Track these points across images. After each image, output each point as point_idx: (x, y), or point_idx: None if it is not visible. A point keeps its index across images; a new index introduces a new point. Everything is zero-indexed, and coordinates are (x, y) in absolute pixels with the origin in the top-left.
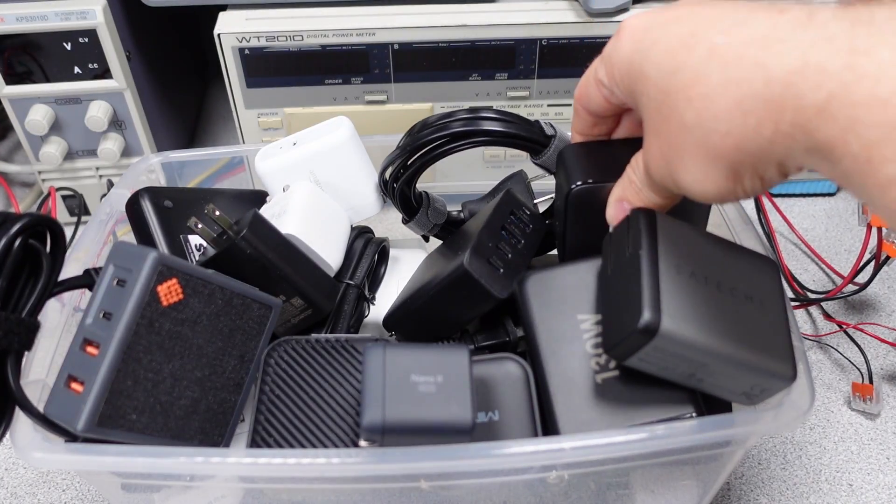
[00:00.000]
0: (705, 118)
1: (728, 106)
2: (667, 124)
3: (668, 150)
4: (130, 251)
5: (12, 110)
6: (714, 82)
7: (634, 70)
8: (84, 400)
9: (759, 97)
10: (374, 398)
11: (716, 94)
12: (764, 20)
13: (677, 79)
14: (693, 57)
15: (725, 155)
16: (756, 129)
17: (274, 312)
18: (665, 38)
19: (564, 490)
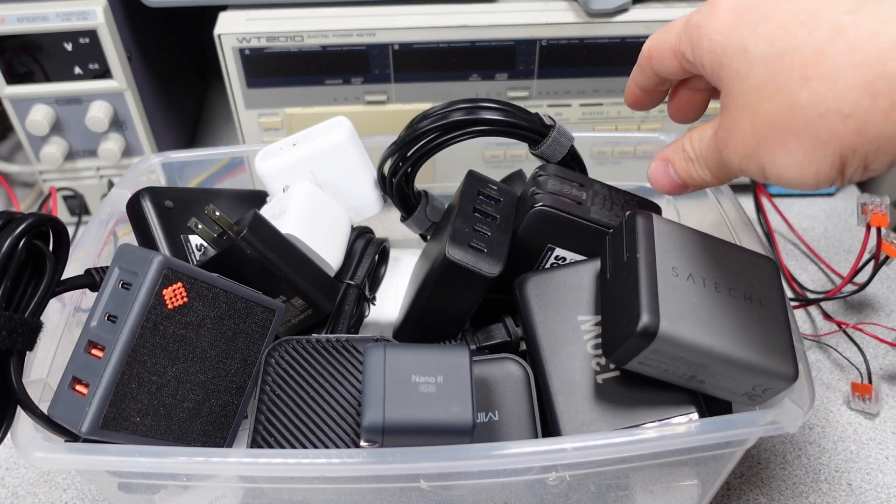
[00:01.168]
0: (825, 98)
1: (855, 86)
2: (771, 104)
3: (766, 129)
4: (136, 254)
5: (13, 110)
6: (841, 63)
7: (733, 45)
8: (89, 402)
9: (893, 78)
10: (374, 399)
11: (841, 75)
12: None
13: (793, 58)
14: (815, 36)
15: (841, 139)
16: (885, 113)
17: (276, 316)
18: (778, 14)
19: (564, 491)
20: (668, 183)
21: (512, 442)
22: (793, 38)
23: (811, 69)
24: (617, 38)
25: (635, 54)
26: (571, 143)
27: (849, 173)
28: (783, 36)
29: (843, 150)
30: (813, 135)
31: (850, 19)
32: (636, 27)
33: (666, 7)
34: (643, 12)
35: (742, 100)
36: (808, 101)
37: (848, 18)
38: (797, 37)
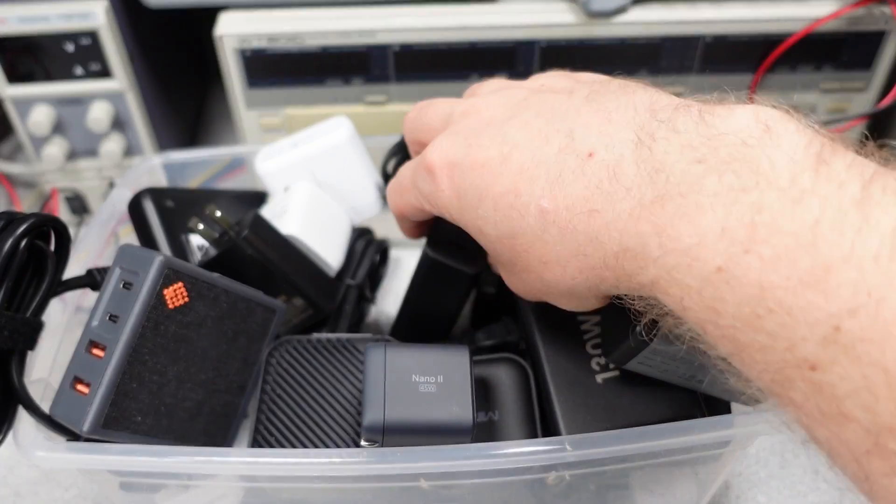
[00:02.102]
0: (563, 277)
1: (582, 269)
2: (525, 275)
3: (536, 288)
4: (137, 254)
5: (14, 111)
6: (561, 252)
7: (469, 224)
8: (90, 402)
9: (602, 268)
10: (374, 398)
11: (564, 262)
12: (577, 174)
13: (520, 242)
14: (527, 221)
15: (594, 294)
16: (614, 284)
17: (277, 316)
18: (489, 195)
19: (564, 491)
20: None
21: (512, 442)
22: (510, 222)
23: (542, 254)
24: (616, 39)
25: (635, 55)
26: None
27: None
28: (503, 220)
29: (603, 294)
30: (571, 292)
31: (549, 204)
32: (636, 28)
33: (666, 7)
34: (643, 13)
35: (503, 266)
36: (551, 279)
37: (546, 203)
38: (514, 222)
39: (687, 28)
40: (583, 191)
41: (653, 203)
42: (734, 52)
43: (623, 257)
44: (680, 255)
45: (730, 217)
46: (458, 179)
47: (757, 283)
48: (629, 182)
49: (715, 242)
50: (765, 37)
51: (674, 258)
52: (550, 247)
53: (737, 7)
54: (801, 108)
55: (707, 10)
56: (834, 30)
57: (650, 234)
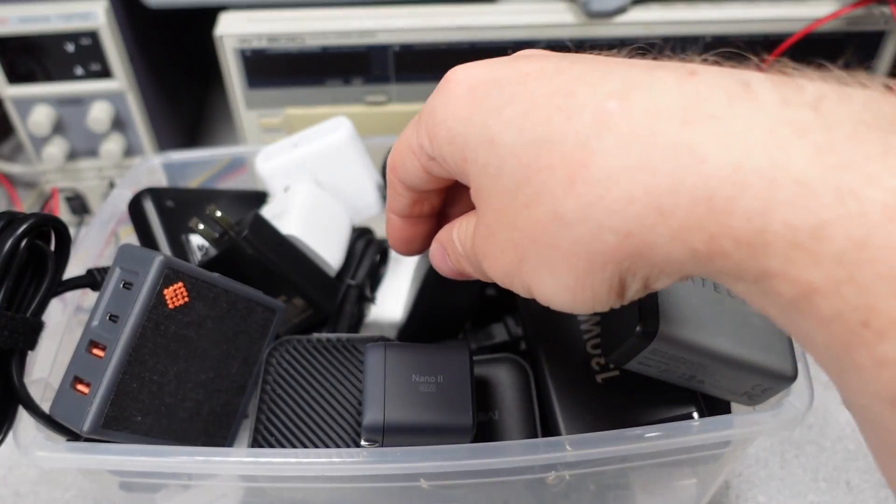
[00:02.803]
0: (597, 211)
1: (635, 197)
2: (530, 212)
3: (527, 245)
4: (137, 254)
5: (15, 111)
6: (613, 164)
7: (475, 134)
8: (90, 402)
9: (689, 193)
10: (374, 398)
11: (615, 181)
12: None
13: (552, 152)
14: (575, 124)
15: (619, 262)
16: (674, 235)
17: (277, 316)
18: (526, 94)
19: (564, 490)
20: (448, 270)
21: (512, 441)
22: (548, 125)
23: (576, 170)
24: (616, 39)
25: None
26: None
27: (629, 295)
28: (536, 123)
29: (622, 272)
30: (585, 256)
31: (617, 107)
32: (636, 28)
33: (666, 7)
34: (642, 13)
35: (497, 204)
36: (575, 214)
37: (614, 105)
38: (553, 124)
39: (687, 28)
40: (682, 99)
41: (830, 132)
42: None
43: (739, 188)
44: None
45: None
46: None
47: None
48: (770, 100)
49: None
50: (765, 37)
51: (864, 224)
52: (598, 157)
53: (737, 7)
54: None
55: (707, 10)
56: (834, 30)
57: (826, 168)
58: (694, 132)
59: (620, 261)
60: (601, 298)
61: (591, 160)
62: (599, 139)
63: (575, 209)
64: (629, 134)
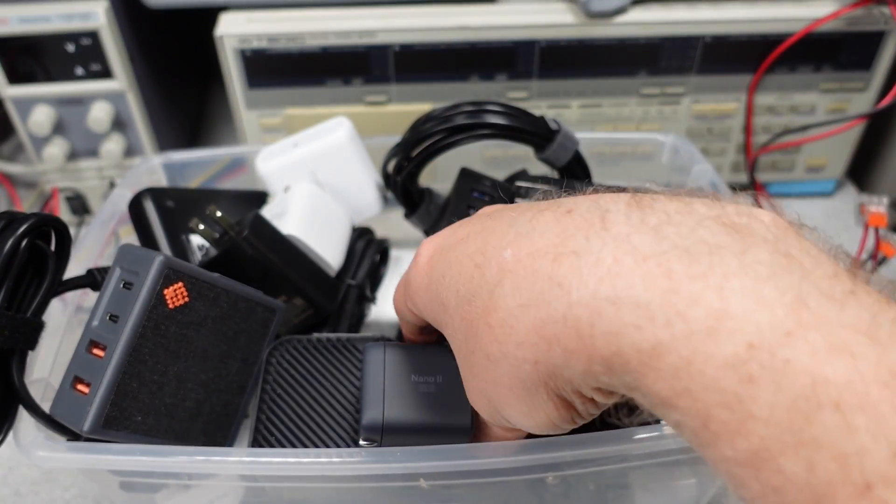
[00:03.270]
0: (510, 347)
1: (530, 329)
2: (476, 359)
3: (487, 388)
4: (137, 254)
5: (15, 111)
6: (510, 305)
7: (434, 300)
8: (90, 401)
9: (564, 322)
10: (373, 398)
11: (515, 319)
12: (551, 223)
13: (475, 305)
14: (486, 277)
15: (544, 384)
16: (566, 359)
17: (277, 316)
18: (458, 259)
19: (564, 490)
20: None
21: (512, 441)
22: (470, 282)
23: (490, 315)
24: (616, 39)
25: (635, 55)
26: (577, 147)
27: (581, 410)
28: (464, 282)
29: (556, 391)
30: (519, 385)
31: (510, 254)
32: (635, 29)
33: (665, 8)
34: (642, 14)
35: (459, 356)
36: (498, 353)
37: (508, 254)
38: (473, 281)
39: (686, 28)
40: (555, 238)
41: (664, 256)
42: (734, 53)
43: (596, 315)
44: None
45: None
46: (436, 257)
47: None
48: (620, 230)
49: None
50: (764, 37)
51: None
52: (500, 301)
53: (736, 7)
54: (801, 107)
55: (707, 11)
56: (833, 30)
57: (659, 292)
58: (561, 267)
59: (545, 382)
60: (556, 417)
61: (498, 305)
62: (500, 286)
63: (496, 349)
64: (518, 276)
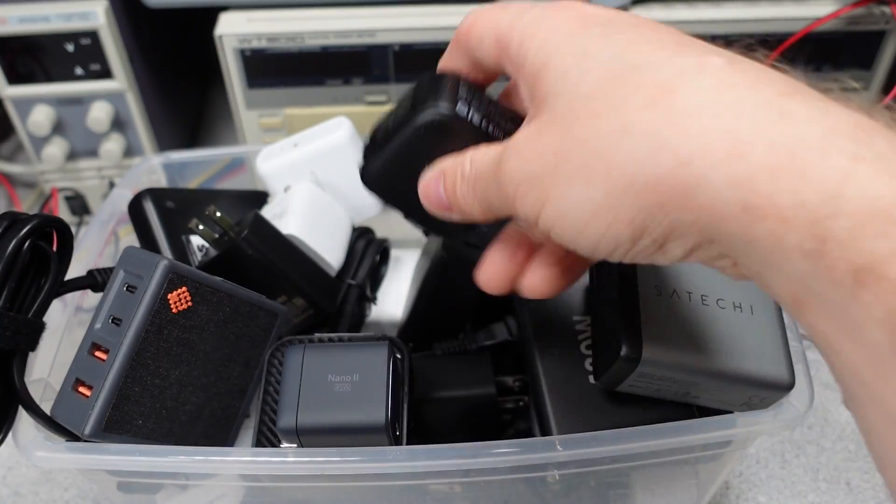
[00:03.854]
0: (666, 132)
1: (716, 129)
2: (592, 122)
3: (574, 150)
4: (141, 257)
5: (15, 111)
6: (701, 101)
7: (572, 45)
8: (92, 405)
9: (764, 148)
10: (288, 401)
11: (696, 114)
12: (777, 75)
13: (643, 75)
14: (675, 60)
15: (658, 193)
16: (732, 184)
17: (279, 320)
18: (635, 32)
19: (564, 490)
20: (435, 201)
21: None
22: (649, 55)
23: (662, 94)
24: None
25: None
26: None
27: (640, 245)
28: (638, 52)
29: (652, 211)
30: (630, 174)
31: (723, 63)
32: None
33: (665, 8)
34: (643, 14)
35: (562, 108)
36: (644, 127)
37: (718, 61)
38: (654, 55)
39: (687, 28)
40: (780, 80)
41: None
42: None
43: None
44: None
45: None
46: (593, 19)
47: None
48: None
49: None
50: (765, 37)
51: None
52: (688, 90)
53: (737, 7)
54: None
55: (707, 11)
56: (834, 30)
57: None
58: (788, 101)
59: (660, 193)
60: (615, 231)
61: (681, 90)
62: (695, 79)
63: (646, 123)
64: (727, 82)
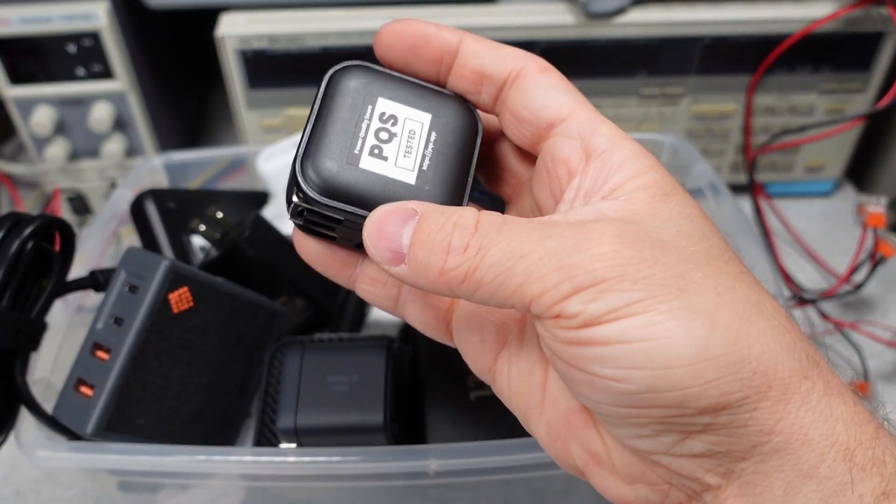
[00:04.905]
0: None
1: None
2: (668, 274)
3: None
4: (143, 258)
5: (17, 111)
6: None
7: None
8: (94, 404)
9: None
10: (287, 401)
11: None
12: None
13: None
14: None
15: (768, 386)
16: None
17: (280, 320)
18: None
19: (564, 489)
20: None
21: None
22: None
23: (788, 324)
24: (616, 40)
25: (634, 56)
26: None
27: (677, 427)
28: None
29: (754, 395)
30: (759, 345)
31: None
32: (635, 29)
33: (665, 9)
34: (642, 14)
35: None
36: (780, 323)
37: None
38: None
39: (686, 29)
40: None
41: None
42: (733, 53)
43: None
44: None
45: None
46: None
47: None
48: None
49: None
50: (763, 38)
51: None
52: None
53: (735, 8)
54: (800, 108)
55: (706, 11)
56: (832, 31)
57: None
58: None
59: (768, 387)
60: (700, 389)
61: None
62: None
63: (781, 324)
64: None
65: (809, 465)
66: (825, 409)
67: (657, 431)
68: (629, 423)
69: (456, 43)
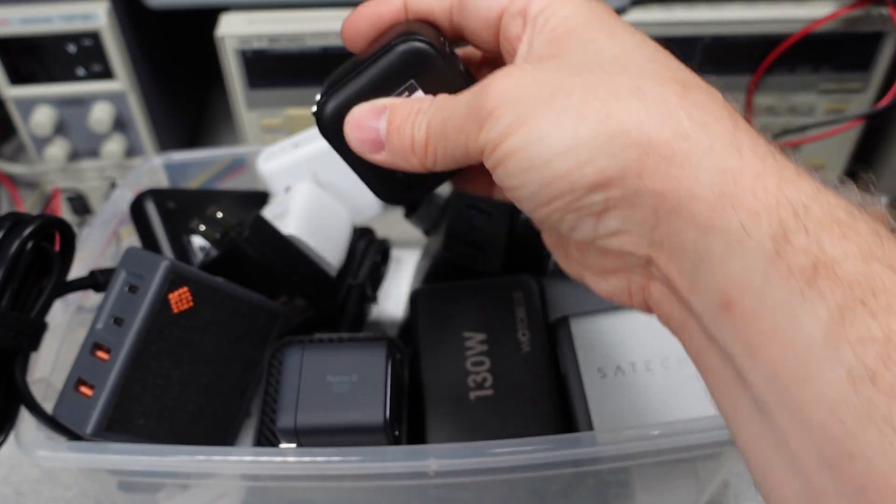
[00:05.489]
0: (682, 108)
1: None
2: (608, 74)
3: (573, 88)
4: (143, 258)
5: (17, 111)
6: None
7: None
8: (94, 404)
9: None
10: (287, 401)
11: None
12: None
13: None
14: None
15: (646, 154)
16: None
17: (279, 321)
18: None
19: (564, 489)
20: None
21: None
22: (669, 59)
23: (682, 84)
24: None
25: None
26: None
27: (582, 203)
28: (659, 50)
29: (631, 166)
30: (628, 125)
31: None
32: None
33: (665, 8)
34: (642, 14)
35: (575, 59)
36: (658, 95)
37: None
38: (674, 61)
39: (686, 29)
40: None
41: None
42: (733, 53)
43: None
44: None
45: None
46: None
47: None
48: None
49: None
50: (763, 38)
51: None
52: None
53: (735, 8)
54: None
55: (706, 11)
56: (832, 31)
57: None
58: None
59: (646, 155)
60: (581, 173)
61: (697, 89)
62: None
63: (659, 94)
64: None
65: (704, 217)
66: (711, 164)
67: (576, 219)
68: (556, 220)
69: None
